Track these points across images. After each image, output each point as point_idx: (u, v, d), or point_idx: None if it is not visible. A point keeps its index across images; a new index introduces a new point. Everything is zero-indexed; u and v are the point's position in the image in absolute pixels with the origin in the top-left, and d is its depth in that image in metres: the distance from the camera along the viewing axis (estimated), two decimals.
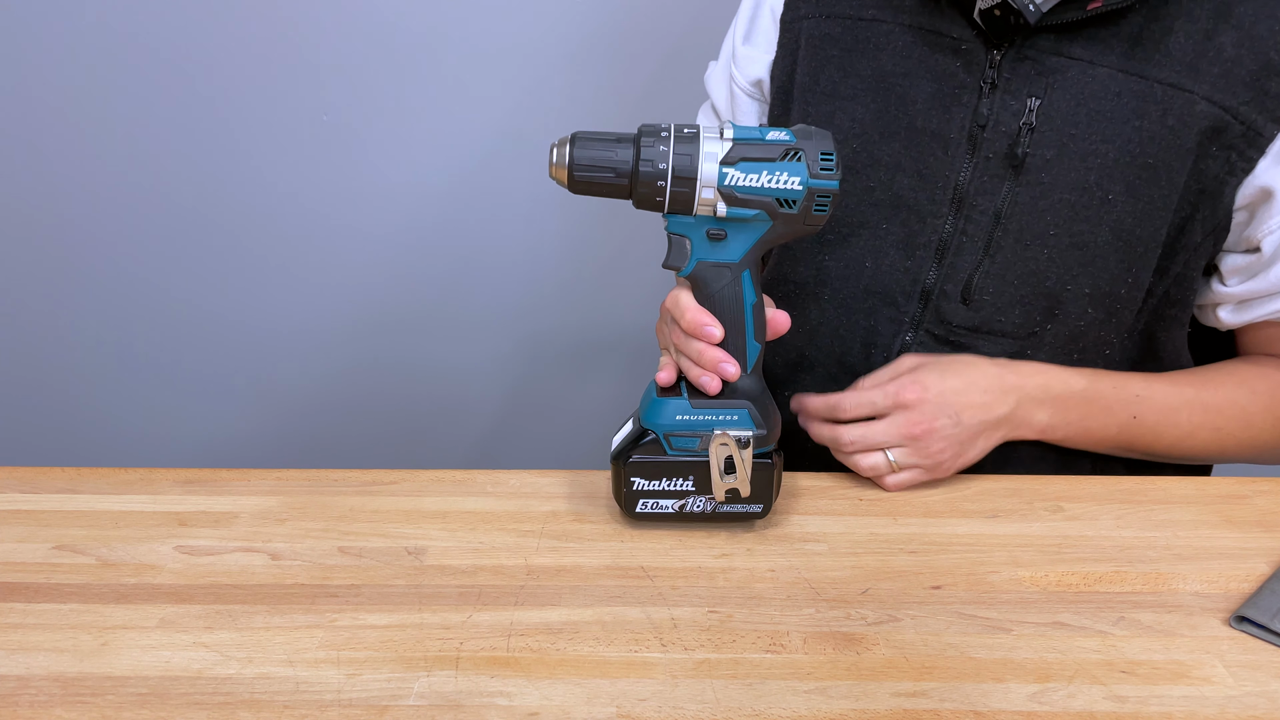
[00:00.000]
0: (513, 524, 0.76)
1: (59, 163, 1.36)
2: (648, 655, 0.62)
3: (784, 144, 0.67)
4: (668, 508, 0.74)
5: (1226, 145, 0.77)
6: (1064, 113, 0.79)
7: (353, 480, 0.82)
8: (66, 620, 0.65)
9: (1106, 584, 0.69)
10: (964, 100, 0.81)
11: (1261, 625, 0.64)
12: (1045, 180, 0.80)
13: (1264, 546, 0.74)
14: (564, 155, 0.67)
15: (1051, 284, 0.81)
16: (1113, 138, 0.78)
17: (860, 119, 0.85)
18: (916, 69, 0.83)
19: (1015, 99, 0.80)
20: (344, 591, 0.68)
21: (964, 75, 0.81)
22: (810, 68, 0.87)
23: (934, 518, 0.77)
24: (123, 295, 1.44)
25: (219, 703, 0.58)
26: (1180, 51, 0.77)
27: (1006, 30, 0.79)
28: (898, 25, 0.84)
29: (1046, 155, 0.79)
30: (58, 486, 0.81)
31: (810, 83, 0.87)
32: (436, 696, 0.59)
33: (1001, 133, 0.80)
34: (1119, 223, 0.80)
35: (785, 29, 0.90)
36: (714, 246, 0.69)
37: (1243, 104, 0.77)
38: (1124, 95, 0.78)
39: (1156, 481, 0.82)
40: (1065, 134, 0.79)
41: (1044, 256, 0.81)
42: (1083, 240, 0.80)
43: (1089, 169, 0.79)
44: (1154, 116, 0.77)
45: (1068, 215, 0.80)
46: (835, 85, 0.86)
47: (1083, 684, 0.60)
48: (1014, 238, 0.81)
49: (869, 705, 0.58)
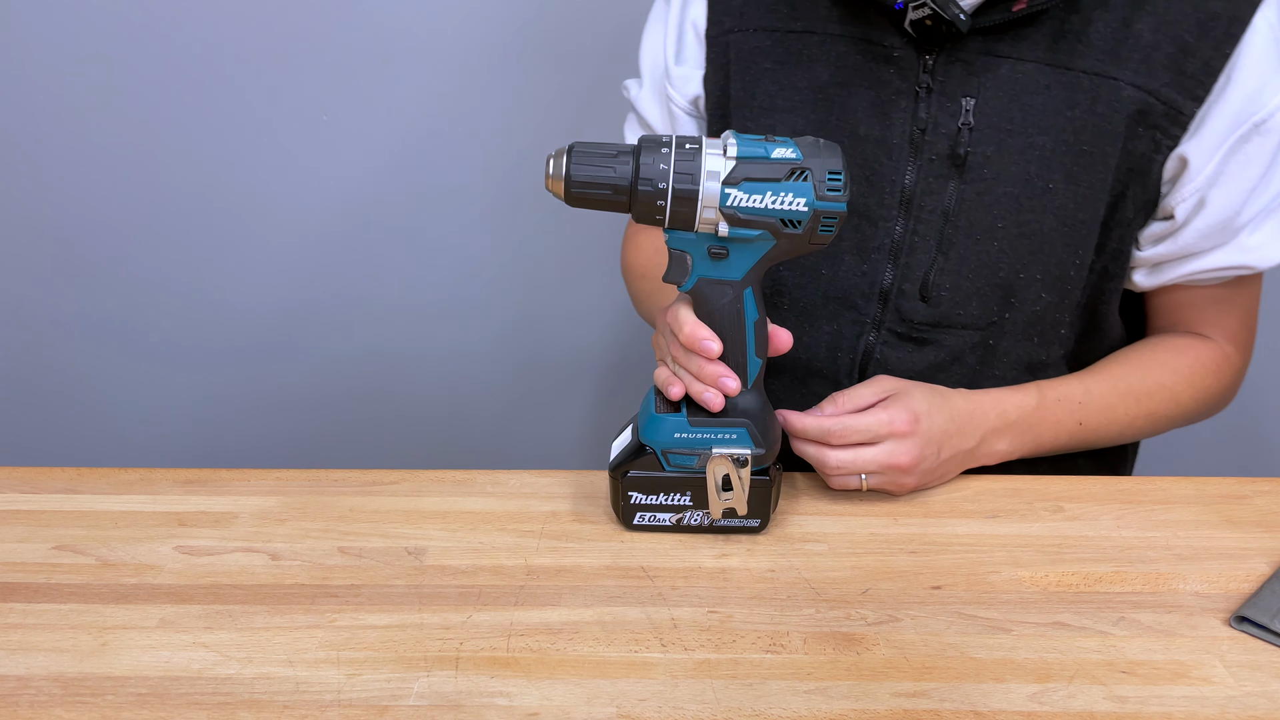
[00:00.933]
0: (513, 524, 0.76)
1: (58, 163, 1.36)
2: (648, 655, 0.62)
3: (790, 163, 0.65)
4: (665, 520, 0.74)
5: (1152, 125, 0.81)
6: (999, 110, 0.81)
7: (353, 480, 0.82)
8: (66, 620, 0.65)
9: (1107, 584, 0.69)
10: (902, 106, 0.83)
11: (1261, 625, 0.64)
12: (988, 175, 0.82)
13: (1264, 546, 0.74)
14: (560, 168, 0.66)
15: (1005, 274, 0.84)
16: (1047, 129, 0.81)
17: (801, 130, 0.85)
18: (853, 78, 0.84)
19: (951, 101, 0.82)
20: (344, 591, 0.68)
21: (899, 82, 0.83)
22: (744, 82, 0.88)
23: (934, 518, 0.77)
24: (122, 295, 1.44)
25: (219, 703, 0.58)
26: (1101, 41, 0.80)
27: (938, 38, 0.81)
28: (828, 35, 0.85)
29: (987, 152, 0.82)
30: (58, 486, 0.81)
31: (746, 97, 0.88)
32: (436, 696, 0.59)
33: (941, 134, 0.82)
34: (1062, 209, 0.83)
35: (712, 44, 0.90)
36: (715, 264, 0.68)
37: (1163, 85, 0.80)
38: (1053, 88, 0.81)
39: (1156, 481, 0.82)
40: (1002, 130, 0.82)
41: (995, 249, 0.83)
42: (1030, 229, 0.83)
43: (1029, 161, 0.82)
44: (1083, 105, 0.81)
45: (1013, 207, 0.82)
46: (772, 98, 0.87)
47: (1083, 684, 0.60)
48: (964, 233, 0.83)
49: (869, 705, 0.58)
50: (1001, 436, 0.82)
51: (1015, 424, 0.82)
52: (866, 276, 0.86)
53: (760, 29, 0.87)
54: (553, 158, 0.66)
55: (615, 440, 0.77)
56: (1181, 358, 0.89)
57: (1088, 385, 0.86)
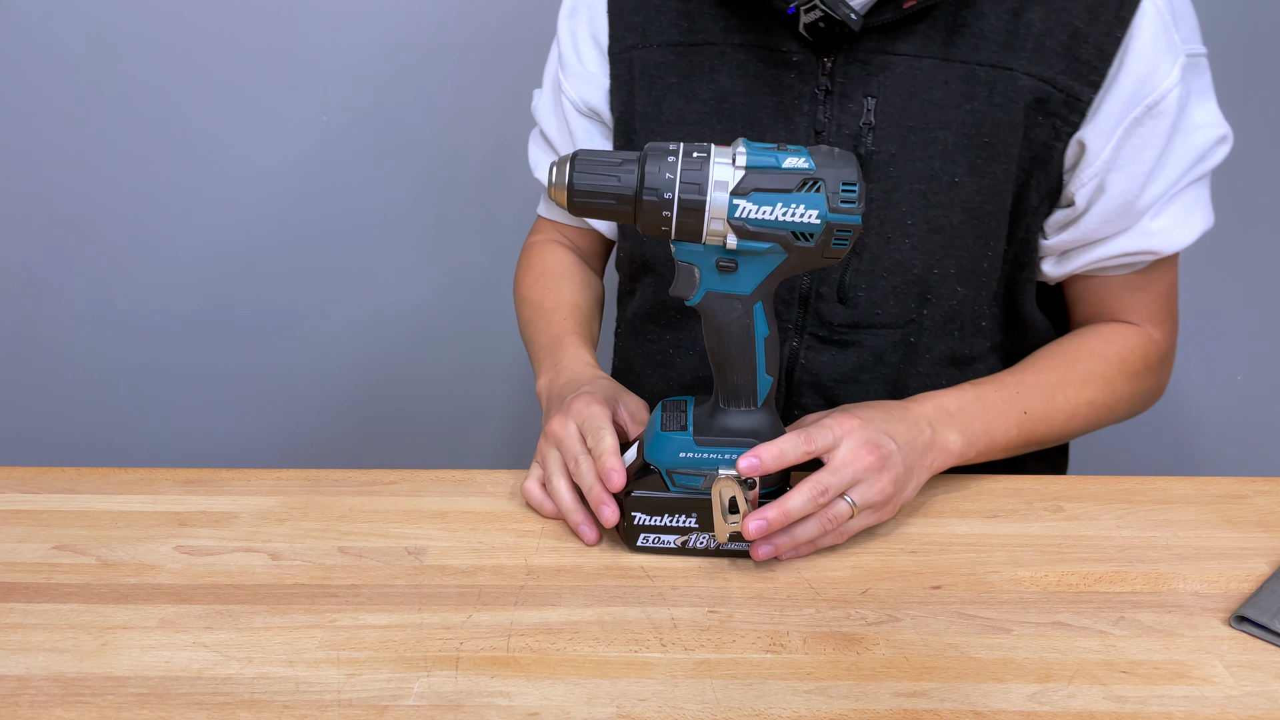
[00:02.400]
0: (513, 524, 0.76)
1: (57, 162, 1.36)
2: (648, 655, 0.62)
3: (802, 173, 0.63)
4: (670, 543, 0.72)
5: (1050, 113, 0.82)
6: (899, 107, 0.82)
7: (353, 480, 0.82)
8: (66, 620, 0.65)
9: (1106, 584, 0.69)
10: (804, 109, 0.84)
11: (1261, 625, 0.64)
12: (894, 174, 0.83)
13: (1264, 546, 0.74)
14: (564, 176, 0.64)
15: (919, 270, 0.84)
16: (948, 123, 0.82)
17: (708, 140, 0.84)
18: (755, 85, 0.85)
19: (852, 101, 0.82)
20: (344, 591, 0.68)
21: (800, 85, 0.84)
22: (651, 98, 0.88)
23: (934, 518, 0.77)
24: (123, 294, 1.44)
25: (219, 703, 0.58)
26: (994, 33, 0.81)
27: (833, 39, 0.82)
28: (729, 45, 0.85)
29: (890, 150, 0.82)
30: (58, 486, 0.81)
31: (653, 112, 0.88)
32: (436, 696, 0.59)
33: (844, 135, 0.83)
34: (969, 202, 0.83)
35: (615, 61, 0.90)
36: (724, 277, 0.66)
37: (1059, 73, 0.81)
38: (951, 82, 0.81)
39: (1156, 482, 0.82)
40: (904, 127, 0.82)
41: (907, 245, 0.84)
42: (939, 224, 0.83)
43: (932, 156, 0.82)
44: (981, 97, 0.81)
45: (921, 203, 0.83)
46: (679, 111, 0.87)
47: (1083, 684, 0.60)
48: (875, 233, 0.84)
49: (869, 705, 0.58)
50: (948, 426, 0.78)
51: (955, 414, 0.79)
52: (786, 283, 0.86)
53: (662, 44, 0.87)
54: (556, 166, 0.65)
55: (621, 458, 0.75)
56: (1109, 345, 0.88)
57: (1020, 377, 0.85)
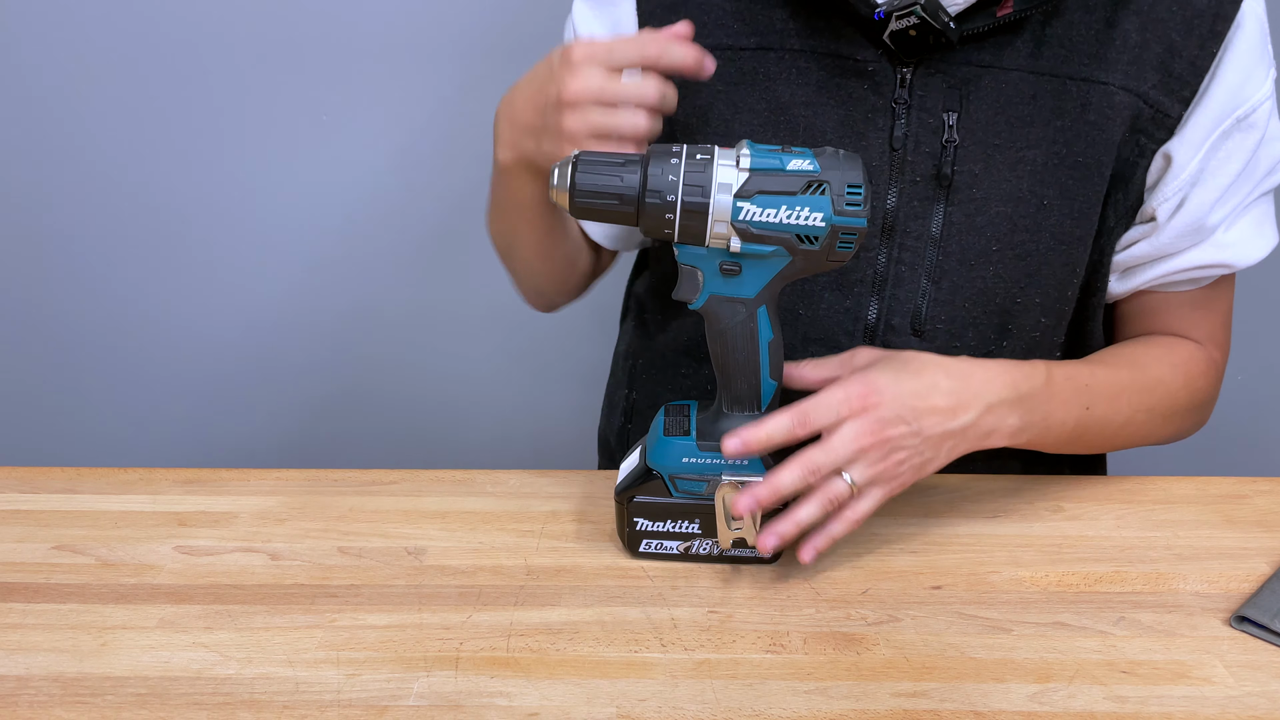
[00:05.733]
0: (513, 524, 0.76)
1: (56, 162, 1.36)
2: (648, 655, 0.62)
3: (806, 175, 0.62)
4: (672, 549, 0.71)
5: (1138, 130, 0.78)
6: (984, 123, 0.77)
7: (353, 480, 0.82)
8: (66, 620, 0.65)
9: (1107, 584, 0.69)
10: (878, 124, 0.77)
11: (1262, 625, 0.64)
12: (978, 196, 0.77)
13: (1264, 546, 0.74)
14: (565, 177, 0.63)
15: (1001, 300, 0.79)
16: (1037, 141, 0.77)
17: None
18: (818, 97, 0.78)
19: (932, 116, 0.77)
20: (344, 591, 0.68)
21: (873, 98, 0.77)
22: (694, 107, 0.81)
23: (934, 518, 0.77)
24: (123, 294, 1.44)
25: (219, 703, 0.58)
26: (1085, 44, 0.76)
27: (921, 49, 0.75)
28: (788, 51, 0.78)
29: (974, 170, 0.77)
30: (58, 486, 0.81)
31: (697, 123, 0.81)
32: (436, 696, 0.59)
33: (925, 153, 0.77)
34: (1058, 226, 0.78)
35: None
36: (728, 281, 0.65)
37: (1151, 88, 0.76)
38: (1040, 96, 0.76)
39: (1156, 481, 0.82)
40: (989, 145, 0.77)
41: (990, 274, 0.79)
42: (1026, 250, 0.78)
43: (1019, 177, 0.77)
44: (1073, 113, 0.76)
45: (1007, 228, 0.78)
46: (727, 123, 0.80)
47: (1083, 684, 0.60)
48: (956, 259, 0.78)
49: (869, 705, 0.58)
50: (1013, 410, 0.72)
51: (1026, 398, 0.73)
52: (850, 313, 0.80)
53: (710, 48, 0.78)
54: (558, 167, 0.63)
55: (623, 462, 0.74)
56: (1175, 354, 0.84)
57: (1093, 370, 0.79)
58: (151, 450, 1.52)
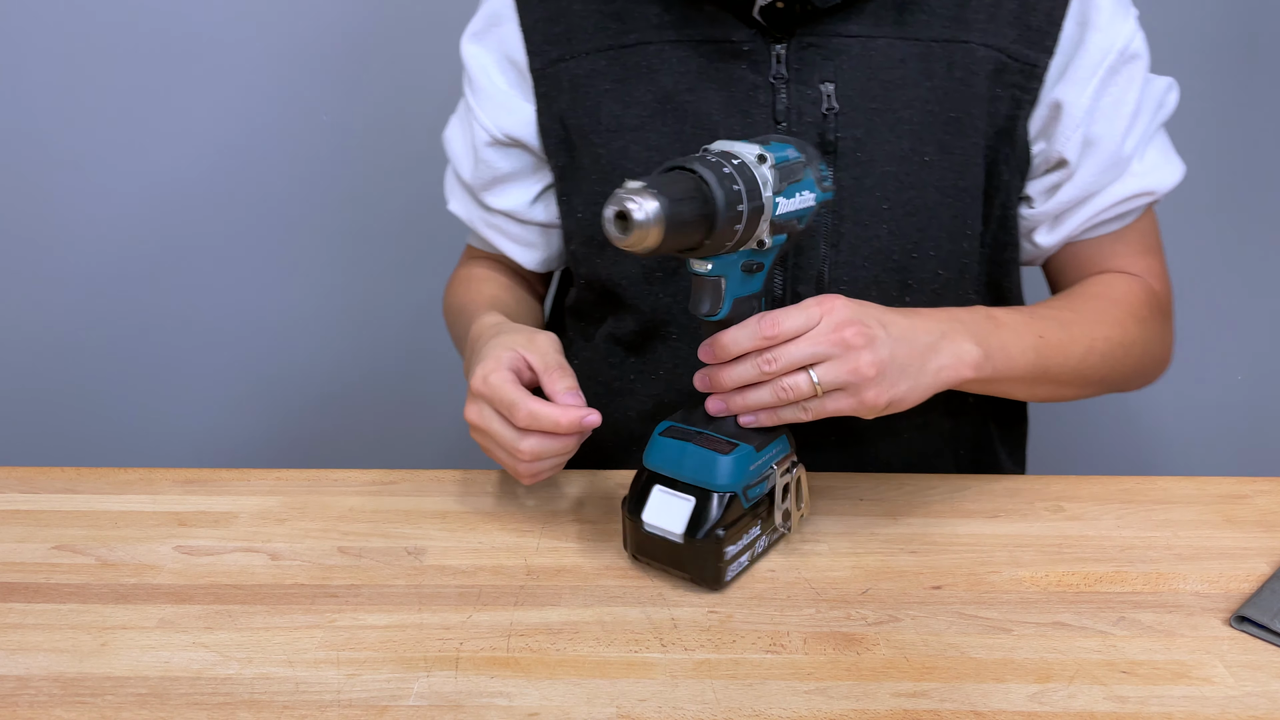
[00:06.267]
0: (513, 524, 0.76)
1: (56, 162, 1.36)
2: (648, 655, 0.62)
3: (800, 162, 0.65)
4: (744, 562, 0.69)
5: (1009, 84, 0.82)
6: (860, 90, 0.80)
7: (353, 480, 0.82)
8: (66, 620, 0.65)
9: (1107, 584, 0.69)
10: (761, 100, 0.81)
11: (1262, 625, 0.64)
12: (863, 159, 0.81)
13: (1264, 546, 0.74)
14: (653, 211, 0.56)
15: (899, 257, 0.82)
16: (911, 102, 0.81)
17: (658, 145, 0.83)
18: (701, 82, 0.82)
19: (810, 88, 0.80)
20: (344, 591, 0.68)
21: (753, 76, 0.81)
22: (586, 108, 0.84)
23: (934, 518, 0.77)
24: (122, 294, 1.44)
25: (219, 703, 0.58)
26: (943, 8, 0.81)
27: (791, 22, 0.80)
28: (666, 43, 0.82)
29: (857, 135, 0.81)
30: (58, 486, 0.81)
31: (591, 123, 0.84)
32: (436, 697, 0.59)
33: (808, 124, 0.81)
34: (942, 180, 0.82)
35: (542, 78, 0.86)
36: (746, 280, 0.66)
37: (1012, 42, 0.81)
38: (908, 60, 0.81)
39: (1157, 481, 0.82)
40: (867, 110, 0.80)
41: (885, 232, 0.82)
42: (914, 206, 0.82)
43: (900, 136, 0.81)
44: (941, 73, 0.81)
45: (895, 186, 0.81)
46: (618, 119, 0.83)
47: (1083, 684, 0.60)
48: (851, 221, 0.81)
49: (869, 705, 0.58)
50: (962, 337, 0.72)
51: (971, 326, 0.74)
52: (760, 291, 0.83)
53: (592, 51, 0.84)
54: (631, 202, 0.57)
55: (649, 510, 0.68)
56: (1114, 289, 0.87)
57: (1034, 308, 0.82)
58: (151, 450, 1.52)
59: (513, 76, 0.88)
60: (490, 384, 0.70)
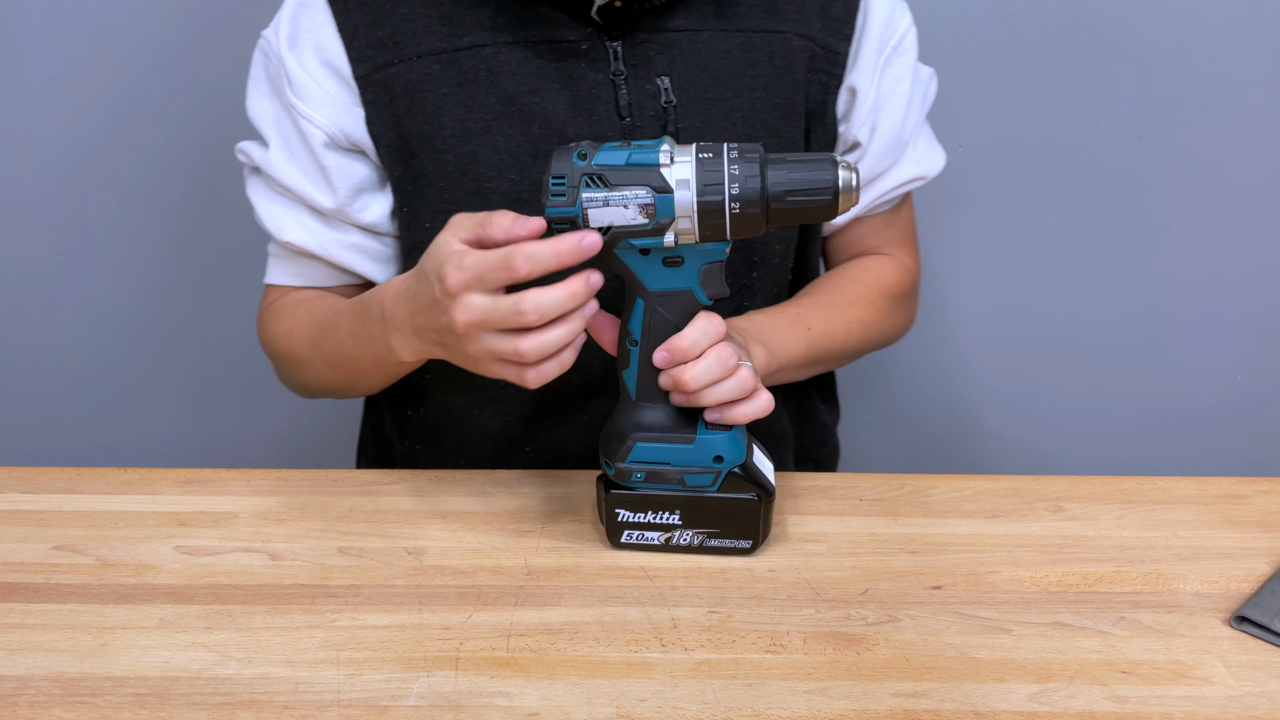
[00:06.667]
0: (513, 524, 0.76)
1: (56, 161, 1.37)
2: (648, 655, 0.62)
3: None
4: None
5: (819, 70, 0.88)
6: (693, 81, 0.84)
7: (353, 480, 0.82)
8: (66, 620, 0.65)
9: (1107, 584, 0.69)
10: (603, 97, 0.83)
11: (1262, 625, 0.64)
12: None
13: (1264, 546, 0.74)
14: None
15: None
16: (741, 90, 0.85)
17: (507, 148, 0.82)
18: (542, 83, 0.82)
19: (648, 83, 0.83)
20: (344, 591, 0.68)
21: (593, 74, 0.82)
22: (427, 113, 0.82)
23: (934, 518, 0.77)
24: (122, 294, 1.44)
25: (219, 703, 0.58)
26: (758, 0, 0.86)
27: (628, 18, 0.82)
28: (503, 45, 0.82)
29: (696, 124, 0.84)
30: (58, 486, 0.81)
31: (433, 129, 0.82)
32: (436, 697, 0.59)
33: (650, 117, 0.83)
34: None
35: (367, 84, 0.83)
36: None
37: (818, 31, 0.87)
38: (733, 51, 0.85)
39: (1157, 481, 0.82)
40: (702, 100, 0.84)
41: None
42: None
43: (734, 124, 0.85)
44: (763, 62, 0.85)
45: None
46: (461, 123, 0.82)
47: (1083, 684, 0.60)
48: None
49: (869, 705, 0.58)
50: (753, 343, 0.79)
51: (751, 331, 0.81)
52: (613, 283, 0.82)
53: (423, 55, 0.82)
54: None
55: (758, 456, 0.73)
56: (868, 272, 0.95)
57: (798, 302, 0.89)
58: (151, 450, 1.52)
59: (336, 82, 0.84)
60: (467, 262, 0.64)
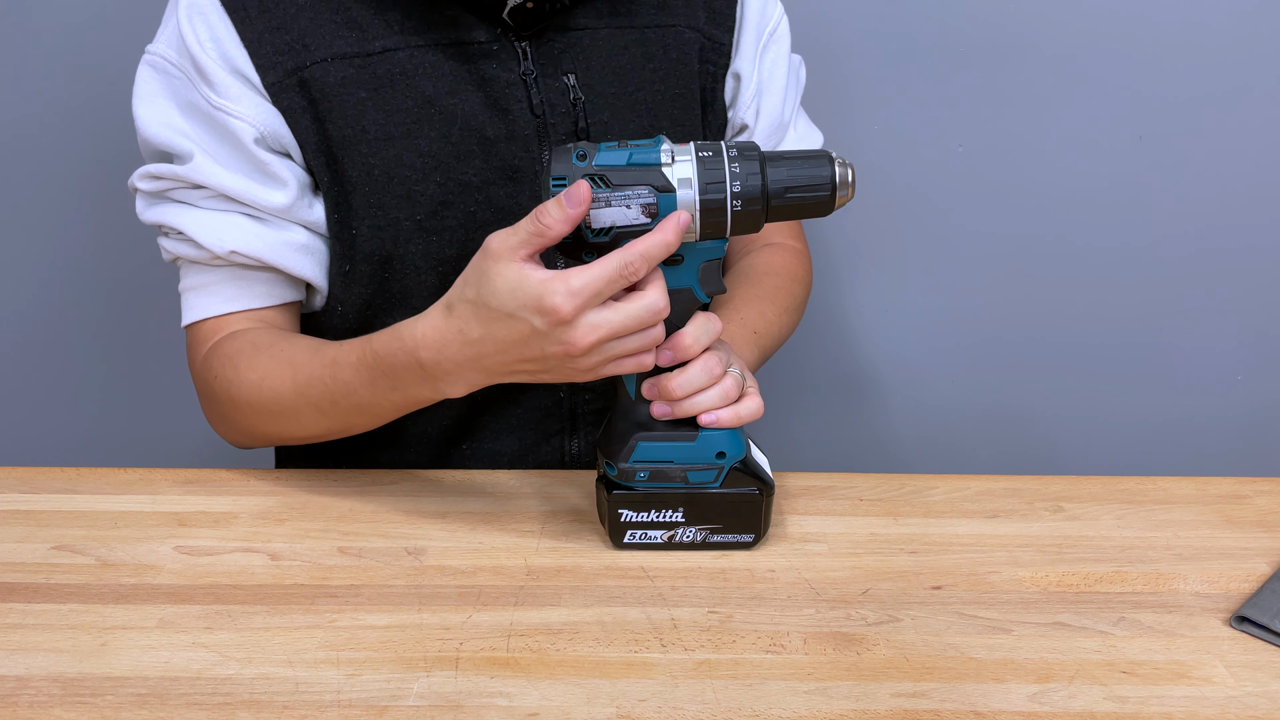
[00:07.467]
0: (513, 524, 0.76)
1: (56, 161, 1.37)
2: (648, 655, 0.62)
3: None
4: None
5: (707, 60, 0.92)
6: (598, 77, 0.86)
7: (352, 480, 0.82)
8: (66, 620, 0.65)
9: (1107, 584, 0.69)
10: (517, 96, 0.84)
11: (1262, 625, 0.64)
12: (613, 140, 0.81)
13: (1264, 546, 0.74)
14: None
15: None
16: (643, 84, 0.88)
17: (429, 151, 0.82)
18: (456, 84, 0.82)
19: (557, 81, 0.85)
20: (344, 592, 0.68)
21: (505, 74, 0.84)
22: (348, 119, 0.81)
23: (934, 518, 0.77)
24: (122, 294, 1.44)
25: (218, 703, 0.58)
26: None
27: (537, 19, 0.84)
28: (414, 48, 0.82)
29: (604, 119, 0.87)
30: (58, 486, 0.81)
31: (355, 133, 0.81)
32: (436, 697, 0.59)
33: (561, 114, 0.85)
34: None
35: (279, 91, 0.80)
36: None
37: (704, 23, 0.91)
38: (630, 46, 0.88)
39: (1157, 481, 0.82)
40: (608, 95, 0.87)
41: None
42: None
43: (640, 116, 0.88)
44: (659, 56, 0.88)
45: None
46: (383, 127, 0.81)
47: (1083, 684, 0.60)
48: None
49: (869, 705, 0.58)
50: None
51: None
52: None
53: (337, 57, 0.81)
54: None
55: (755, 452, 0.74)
56: (773, 263, 0.99)
57: (735, 306, 0.91)
58: (151, 450, 1.52)
59: (247, 90, 0.81)
60: (575, 285, 0.65)
